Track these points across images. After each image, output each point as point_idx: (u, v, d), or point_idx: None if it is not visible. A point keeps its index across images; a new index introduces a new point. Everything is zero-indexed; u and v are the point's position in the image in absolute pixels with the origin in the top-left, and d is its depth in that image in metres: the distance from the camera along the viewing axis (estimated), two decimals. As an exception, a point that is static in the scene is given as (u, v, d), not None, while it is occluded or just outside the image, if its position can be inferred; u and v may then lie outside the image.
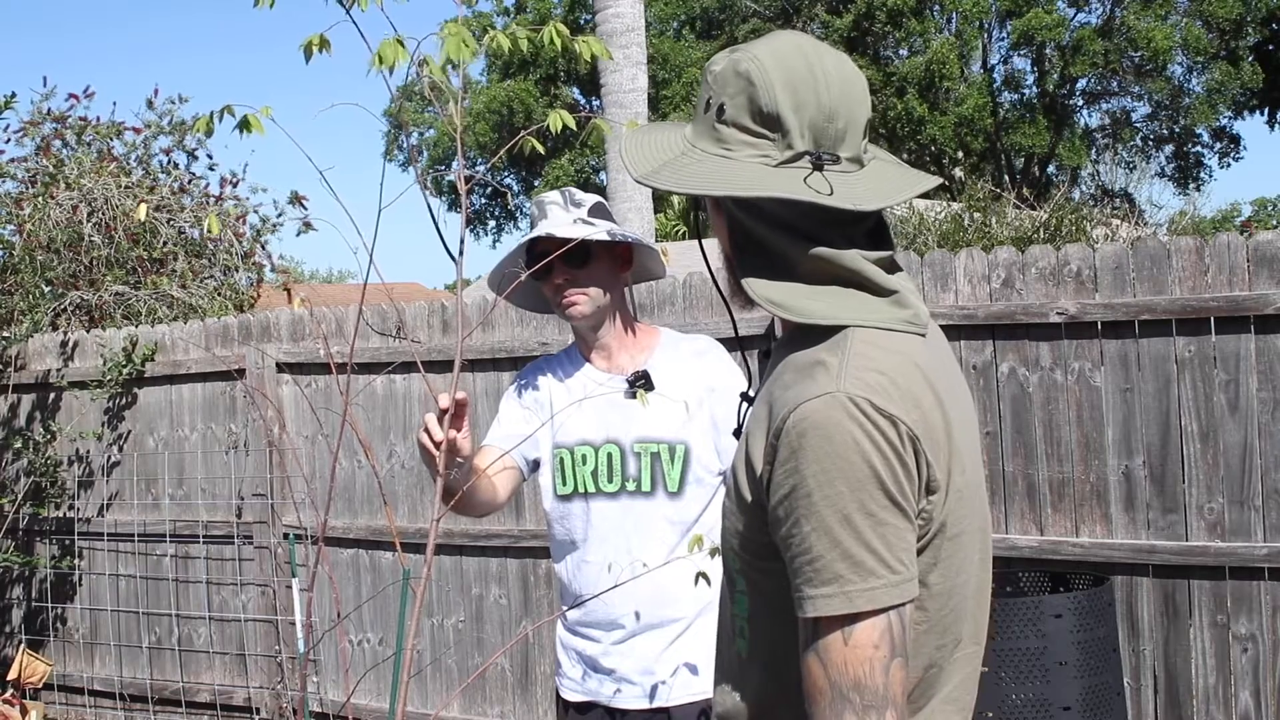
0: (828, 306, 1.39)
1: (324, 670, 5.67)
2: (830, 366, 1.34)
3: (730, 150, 1.42)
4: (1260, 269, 3.78)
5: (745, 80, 1.41)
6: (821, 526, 1.28)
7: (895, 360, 1.36)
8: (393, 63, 1.89)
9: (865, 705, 1.27)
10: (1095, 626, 3.53)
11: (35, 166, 7.71)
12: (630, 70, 7.46)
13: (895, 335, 1.39)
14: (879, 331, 1.38)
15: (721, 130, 1.44)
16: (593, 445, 2.60)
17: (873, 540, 1.28)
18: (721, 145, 1.43)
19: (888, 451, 1.29)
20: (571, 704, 2.68)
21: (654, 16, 29.18)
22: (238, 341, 5.79)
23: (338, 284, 32.34)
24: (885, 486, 1.29)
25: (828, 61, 1.43)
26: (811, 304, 1.40)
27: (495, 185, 6.38)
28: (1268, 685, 3.81)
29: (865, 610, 1.27)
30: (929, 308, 4.19)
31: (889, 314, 1.41)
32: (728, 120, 1.43)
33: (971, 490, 1.41)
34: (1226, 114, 28.11)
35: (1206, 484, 3.88)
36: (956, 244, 8.96)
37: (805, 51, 1.43)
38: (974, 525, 1.42)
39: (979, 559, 1.45)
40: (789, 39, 1.45)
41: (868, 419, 1.29)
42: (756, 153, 1.41)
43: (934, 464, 1.33)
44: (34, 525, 6.34)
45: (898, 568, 1.29)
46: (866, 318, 1.39)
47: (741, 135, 1.42)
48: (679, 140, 1.49)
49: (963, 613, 1.44)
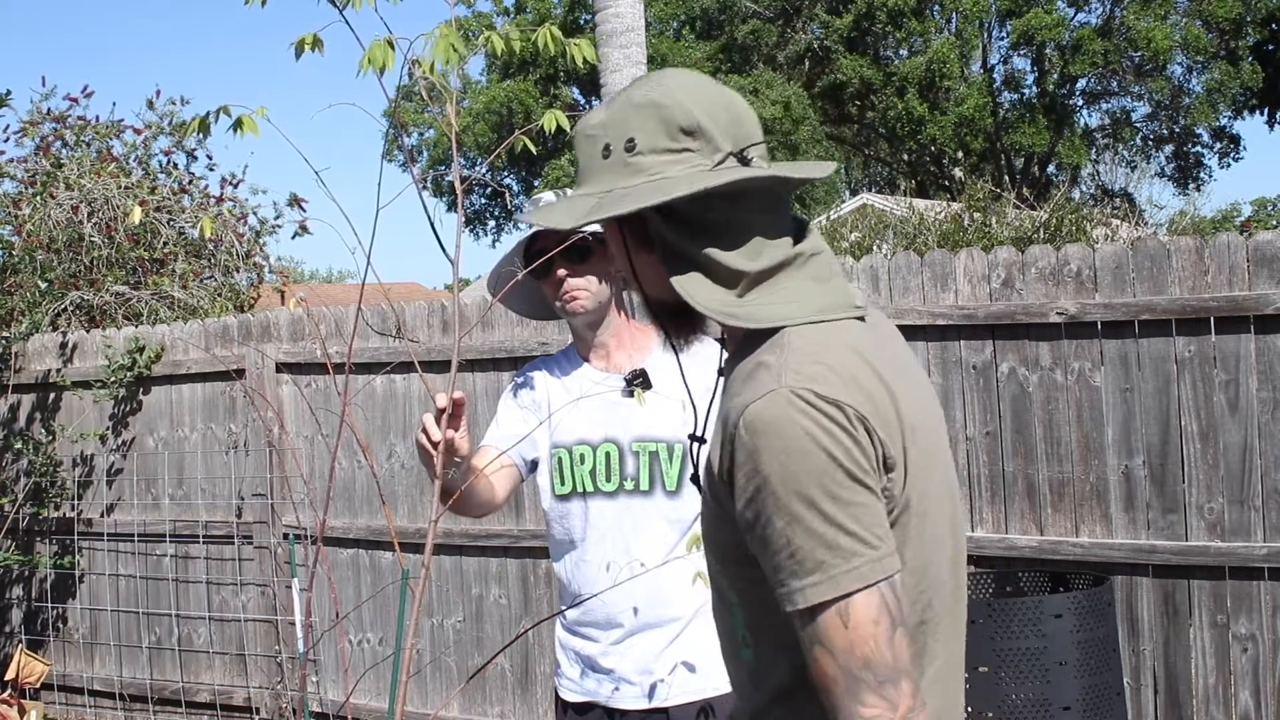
0: (765, 309, 1.42)
1: (324, 670, 5.67)
2: (771, 365, 1.38)
3: (658, 172, 1.43)
4: (1260, 269, 3.78)
5: (651, 107, 1.44)
6: (793, 519, 1.31)
7: (833, 349, 1.39)
8: (382, 64, 1.89)
9: (881, 681, 1.29)
10: (1095, 626, 3.53)
11: (35, 166, 7.71)
12: (630, 70, 7.45)
13: (832, 324, 1.43)
14: (815, 325, 1.42)
15: (639, 161, 1.44)
16: (591, 445, 2.60)
17: (846, 521, 1.30)
18: (645, 173, 1.44)
19: (839, 434, 1.32)
20: (570, 704, 2.67)
21: (654, 16, 29.16)
22: (237, 342, 5.79)
23: (337, 284, 32.34)
24: (845, 467, 1.31)
25: (712, 81, 1.50)
26: (752, 309, 1.43)
27: (494, 185, 6.38)
28: (1268, 685, 3.80)
29: (855, 589, 1.30)
30: (929, 308, 4.20)
31: (824, 303, 1.44)
32: (643, 150, 1.44)
33: (931, 462, 1.43)
34: (1226, 114, 28.11)
35: (1206, 484, 3.87)
36: (956, 244, 8.96)
37: (691, 73, 1.50)
38: (940, 498, 1.44)
39: (949, 532, 1.47)
40: (668, 71, 1.51)
41: (814, 408, 1.32)
42: (686, 165, 1.43)
43: (887, 441, 1.35)
44: (34, 525, 6.34)
45: (876, 543, 1.31)
46: (802, 313, 1.42)
47: (663, 156, 1.44)
48: (583, 197, 1.48)
49: (940, 588, 1.45)
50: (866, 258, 4.51)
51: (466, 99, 28.96)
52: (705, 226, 1.43)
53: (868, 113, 29.93)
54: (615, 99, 1.49)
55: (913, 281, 4.29)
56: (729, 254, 1.42)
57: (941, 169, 30.19)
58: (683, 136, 1.43)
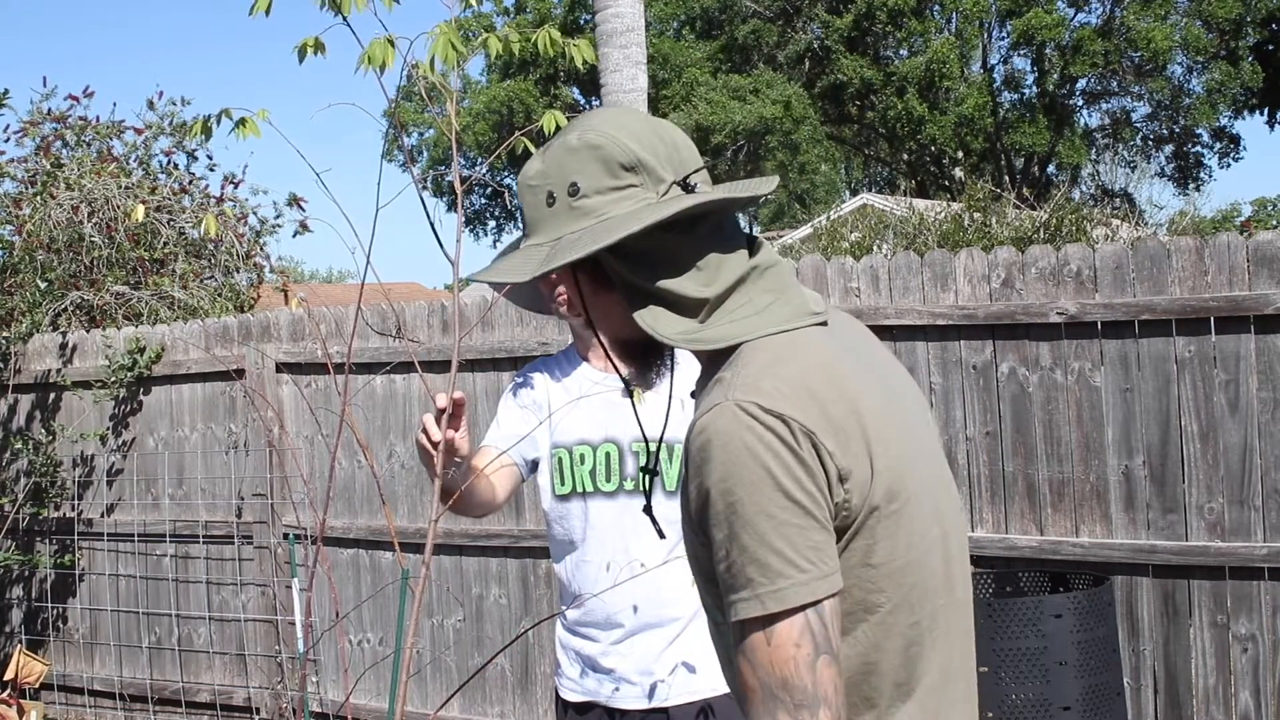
0: (724, 328, 1.44)
1: (324, 670, 5.67)
2: (724, 380, 1.39)
3: (605, 212, 1.44)
4: (1260, 269, 3.78)
5: (589, 149, 1.45)
6: (730, 533, 1.32)
7: (789, 360, 1.39)
8: (381, 62, 1.89)
9: (796, 705, 1.30)
10: (1095, 626, 3.53)
11: (35, 166, 7.71)
12: (630, 70, 7.46)
13: (790, 334, 1.43)
14: (772, 337, 1.42)
15: (585, 204, 1.44)
16: (591, 445, 2.60)
17: (775, 541, 1.31)
18: (593, 215, 1.44)
19: (780, 450, 1.32)
20: (571, 704, 2.68)
21: (654, 16, 29.16)
22: (237, 342, 5.79)
23: (337, 284, 32.34)
24: (782, 487, 1.31)
25: (636, 111, 1.52)
26: (711, 331, 1.43)
27: (494, 185, 6.38)
28: (1268, 685, 3.80)
29: (778, 611, 1.30)
30: (929, 308, 4.20)
31: (781, 314, 1.44)
32: (587, 193, 1.44)
33: (908, 462, 1.42)
34: (1226, 114, 28.12)
35: (1206, 484, 3.87)
36: (956, 244, 8.96)
37: (620, 110, 1.51)
38: (921, 497, 1.42)
39: (938, 525, 1.45)
40: (595, 112, 1.51)
41: (757, 421, 1.33)
42: (633, 201, 1.44)
43: (838, 453, 1.34)
44: (34, 525, 6.34)
45: (805, 566, 1.31)
46: (760, 327, 1.43)
47: (608, 196, 1.44)
48: (535, 247, 1.48)
49: (931, 585, 1.43)
50: (866, 258, 4.51)
51: (466, 99, 28.96)
52: (660, 259, 1.43)
53: (868, 113, 29.93)
54: (550, 147, 1.49)
55: (913, 281, 4.29)
56: (687, 282, 1.43)
57: (941, 169, 30.20)
58: (624, 173, 1.44)
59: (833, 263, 4.48)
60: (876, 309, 4.31)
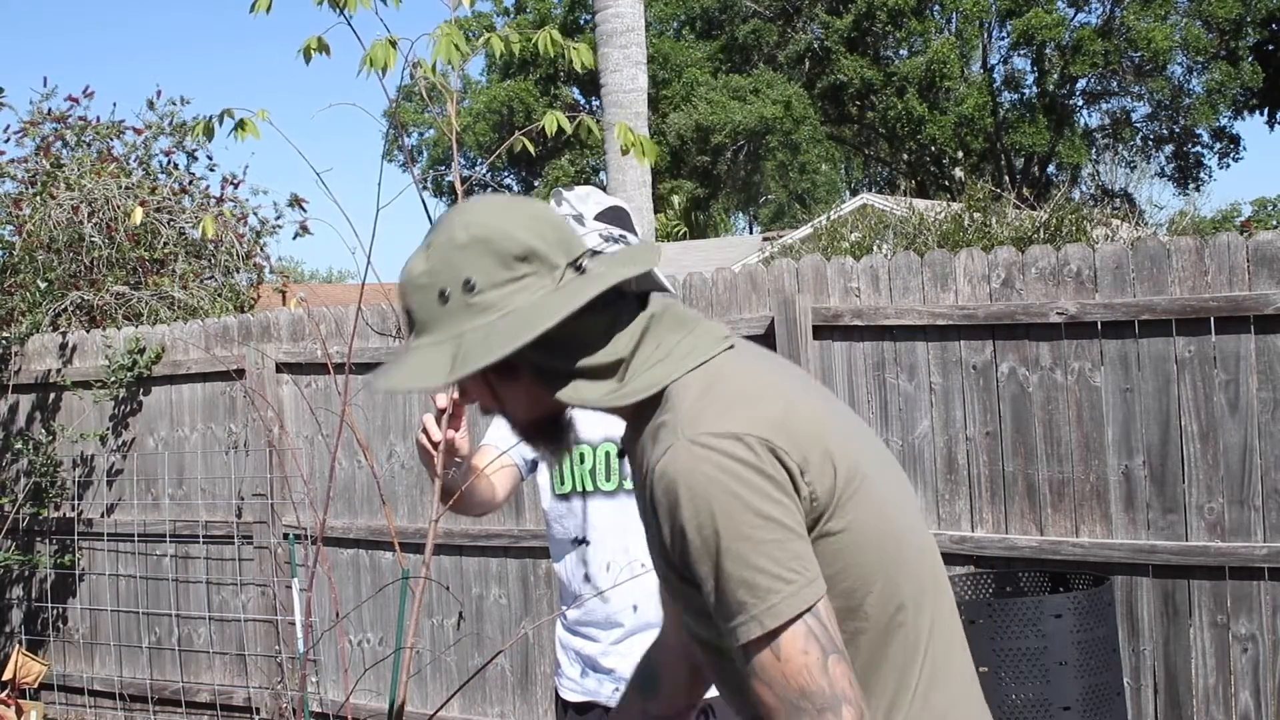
0: (644, 378, 1.45)
1: (324, 670, 5.67)
2: (667, 423, 1.42)
3: (506, 305, 1.42)
4: (1260, 269, 3.78)
5: (478, 243, 1.43)
6: (713, 565, 1.36)
7: (717, 385, 1.43)
8: (384, 64, 1.89)
9: (819, 709, 1.33)
10: (1095, 626, 3.53)
11: (35, 166, 7.71)
12: (630, 70, 7.46)
13: (709, 363, 1.46)
14: (693, 371, 1.45)
15: (483, 299, 1.42)
16: (590, 444, 2.60)
17: (759, 561, 1.34)
18: (492, 310, 1.42)
19: (742, 471, 1.36)
20: (571, 704, 2.67)
21: (654, 16, 29.16)
22: (237, 342, 5.79)
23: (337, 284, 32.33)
24: (753, 506, 1.35)
25: (512, 197, 1.50)
26: (633, 385, 1.45)
27: (494, 185, 6.38)
28: (1268, 685, 3.80)
29: (777, 626, 1.34)
30: (929, 308, 4.21)
31: (694, 347, 1.47)
32: (483, 288, 1.42)
33: (855, 447, 1.46)
34: (1226, 114, 28.12)
35: (1206, 484, 3.87)
36: (956, 244, 8.96)
37: (495, 199, 1.49)
38: (877, 475, 1.47)
39: (902, 506, 1.50)
40: (472, 203, 1.48)
41: (713, 450, 1.36)
42: (531, 291, 1.43)
43: (791, 450, 1.38)
44: (34, 525, 6.34)
45: (791, 577, 1.34)
46: (678, 366, 1.45)
47: (505, 288, 1.42)
48: (435, 346, 1.44)
49: (915, 540, 1.49)
50: (866, 258, 4.51)
51: (466, 99, 28.96)
52: (573, 339, 1.44)
53: (868, 113, 29.94)
54: (433, 244, 1.45)
55: (913, 281, 4.29)
56: (601, 353, 1.45)
57: (941, 169, 30.20)
58: (518, 264, 1.42)
59: (833, 263, 4.48)
60: (876, 309, 4.31)
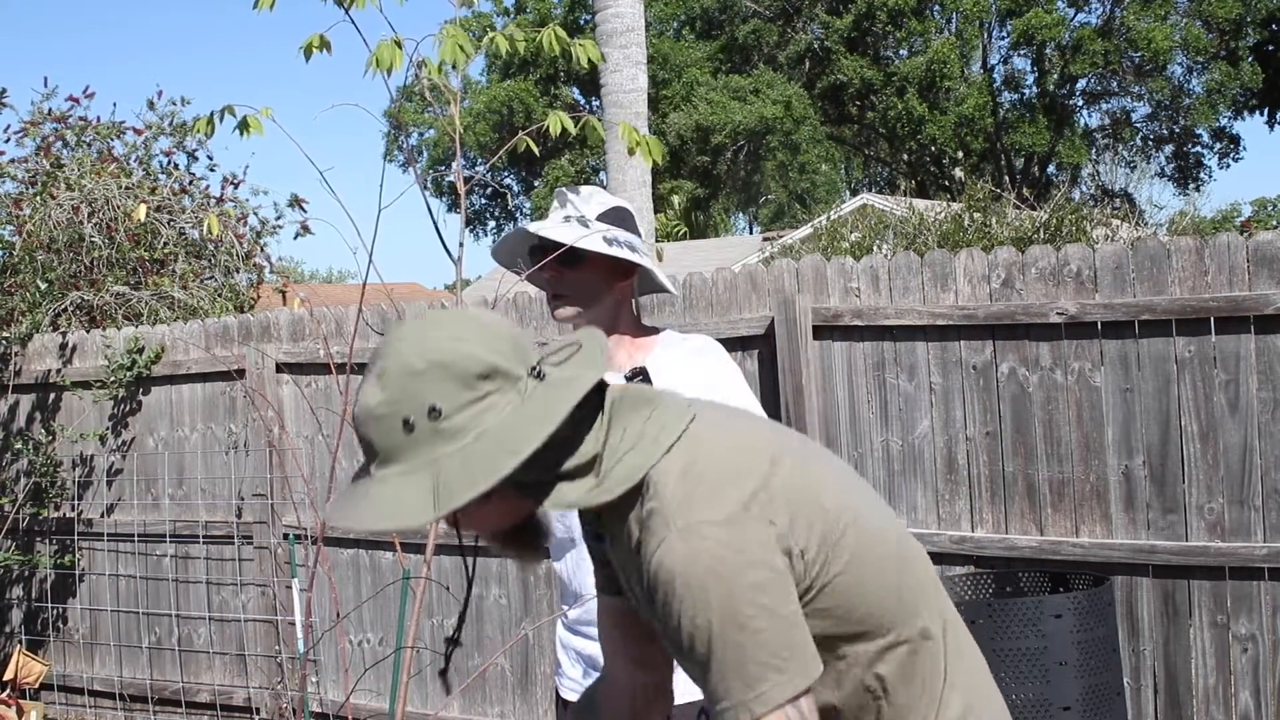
0: (621, 469, 1.44)
1: (324, 670, 5.67)
2: (657, 511, 1.42)
3: (475, 427, 1.39)
4: (1260, 269, 3.78)
5: (436, 368, 1.39)
6: (708, 652, 1.39)
7: (698, 462, 1.43)
8: (390, 64, 1.89)
9: None
10: (1095, 626, 3.53)
11: (35, 166, 7.71)
12: (630, 70, 7.46)
13: (679, 442, 1.45)
14: (668, 454, 1.44)
15: (451, 424, 1.39)
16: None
17: (753, 651, 1.38)
18: (463, 434, 1.39)
19: (736, 559, 1.38)
20: (571, 704, 2.67)
21: (654, 16, 29.16)
22: (238, 342, 5.79)
23: (338, 284, 32.34)
24: (749, 597, 1.37)
25: (450, 312, 1.47)
26: (610, 480, 1.45)
27: (495, 186, 6.39)
28: (1268, 685, 3.81)
29: (763, 712, 1.38)
30: (929, 308, 4.21)
31: (664, 425, 1.46)
32: (448, 413, 1.39)
33: (838, 484, 1.49)
34: (1226, 114, 28.13)
35: (1206, 484, 3.88)
36: (956, 244, 8.96)
37: (443, 316, 1.45)
38: (867, 508, 1.51)
39: (895, 534, 1.54)
40: (419, 325, 1.44)
41: (707, 540, 1.38)
42: (499, 410, 1.40)
43: (781, 514, 1.41)
44: (34, 525, 6.34)
45: (782, 666, 1.38)
46: (652, 450, 1.45)
47: (472, 409, 1.39)
48: (407, 476, 1.41)
49: (908, 551, 1.53)
50: (866, 258, 4.51)
51: (467, 99, 28.95)
52: (546, 448, 1.41)
53: (868, 113, 29.94)
54: (385, 374, 1.40)
55: (913, 281, 4.29)
56: (577, 454, 1.44)
57: (941, 169, 30.20)
58: (481, 383, 1.39)
59: (833, 263, 4.48)
60: (876, 309, 4.31)
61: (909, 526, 4.31)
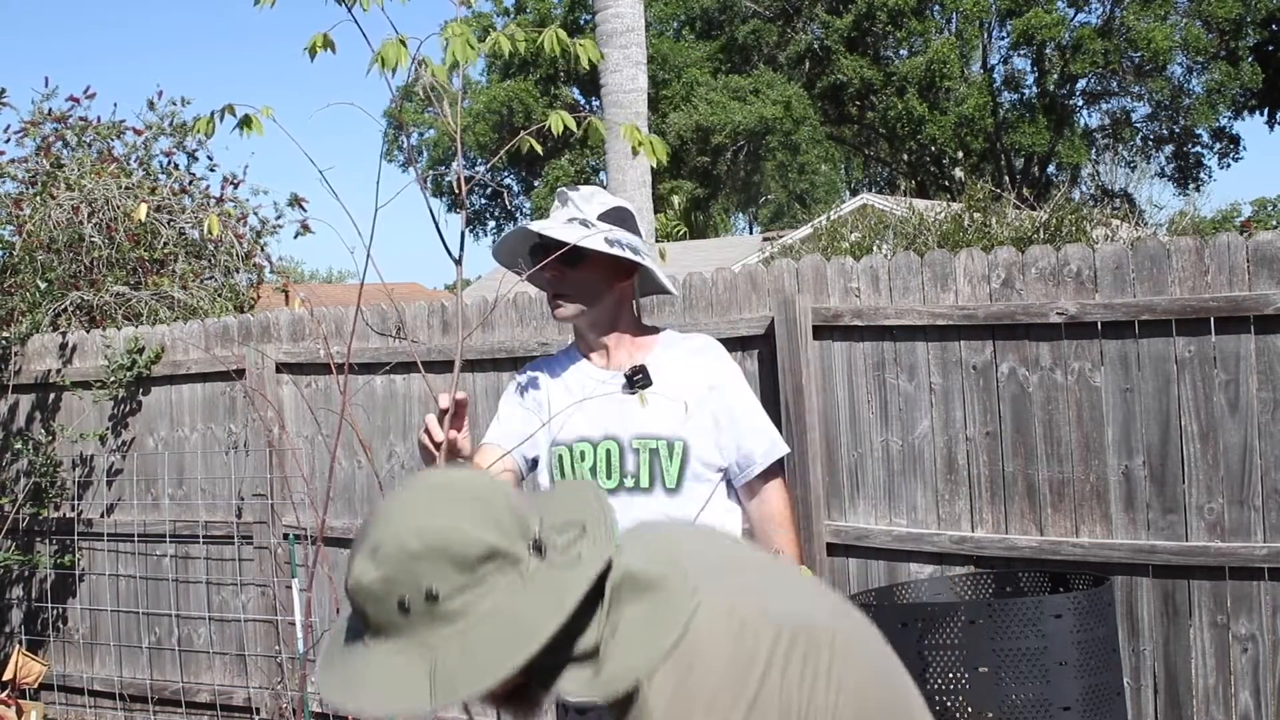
0: (617, 665, 1.36)
1: (324, 670, 5.67)
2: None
3: (473, 612, 1.33)
4: (1260, 269, 3.78)
5: (433, 551, 1.33)
6: None
7: (694, 671, 1.35)
8: (394, 64, 1.89)
9: None
10: (1095, 626, 3.53)
11: (35, 166, 7.71)
12: (630, 70, 7.46)
13: (677, 647, 1.36)
14: (667, 659, 1.36)
15: (448, 608, 1.33)
16: (591, 442, 2.60)
17: None
18: (460, 618, 1.33)
19: None
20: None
21: (654, 16, 29.17)
22: (237, 342, 5.79)
23: (337, 284, 32.34)
24: None
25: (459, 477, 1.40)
26: (606, 677, 1.36)
27: (495, 185, 6.39)
28: (1268, 685, 3.81)
29: None
30: (929, 308, 4.21)
31: (660, 621, 1.37)
32: (446, 597, 1.33)
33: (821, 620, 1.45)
34: (1226, 114, 28.13)
35: (1206, 484, 3.88)
36: (956, 244, 8.96)
37: (436, 488, 1.39)
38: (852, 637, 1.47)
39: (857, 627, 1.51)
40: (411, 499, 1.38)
41: None
42: (499, 593, 1.34)
43: (792, 667, 1.37)
44: (34, 525, 6.34)
45: None
46: (649, 655, 1.36)
47: (470, 593, 1.33)
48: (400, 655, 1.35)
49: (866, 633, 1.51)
50: (866, 258, 4.51)
51: (467, 99, 28.95)
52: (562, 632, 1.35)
53: (868, 113, 29.95)
54: (381, 551, 1.34)
55: (913, 281, 4.29)
56: (582, 640, 1.36)
57: (941, 169, 30.21)
58: (481, 566, 1.33)
59: (833, 263, 4.48)
60: (876, 309, 4.31)
61: (909, 527, 4.32)
